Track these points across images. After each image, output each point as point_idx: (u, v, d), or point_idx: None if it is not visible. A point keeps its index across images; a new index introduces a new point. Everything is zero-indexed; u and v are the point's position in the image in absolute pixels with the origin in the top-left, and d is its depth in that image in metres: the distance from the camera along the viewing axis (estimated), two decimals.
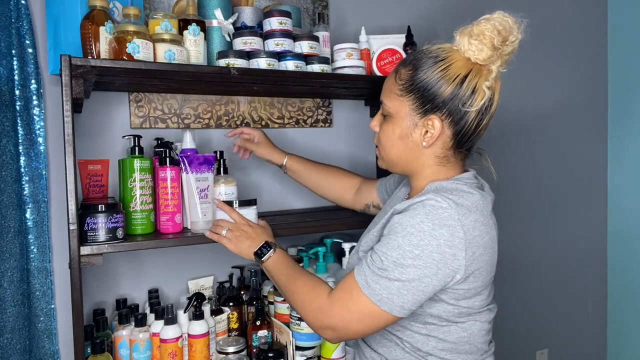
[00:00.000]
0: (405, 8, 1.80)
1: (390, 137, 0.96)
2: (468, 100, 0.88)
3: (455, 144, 0.92)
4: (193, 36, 1.18)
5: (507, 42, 0.87)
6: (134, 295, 1.40)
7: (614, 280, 2.38)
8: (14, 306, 1.20)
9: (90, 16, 1.08)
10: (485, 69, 0.88)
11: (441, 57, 0.90)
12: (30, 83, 1.23)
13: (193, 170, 1.16)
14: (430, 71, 0.89)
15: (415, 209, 0.84)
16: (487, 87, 0.88)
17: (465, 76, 0.88)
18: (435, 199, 0.84)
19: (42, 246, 1.25)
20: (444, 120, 0.90)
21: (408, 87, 0.92)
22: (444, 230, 0.82)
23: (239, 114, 1.53)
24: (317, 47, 1.35)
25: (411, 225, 0.83)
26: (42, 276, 1.25)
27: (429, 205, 0.84)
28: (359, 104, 1.73)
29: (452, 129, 0.91)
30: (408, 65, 0.93)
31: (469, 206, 0.86)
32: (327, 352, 1.28)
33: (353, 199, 1.34)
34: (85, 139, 1.32)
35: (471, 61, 0.88)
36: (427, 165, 0.95)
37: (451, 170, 0.95)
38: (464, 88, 0.88)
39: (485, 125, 0.92)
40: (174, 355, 1.16)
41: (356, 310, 0.86)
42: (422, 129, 0.92)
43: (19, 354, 1.20)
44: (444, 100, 0.88)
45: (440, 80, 0.88)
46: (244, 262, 1.52)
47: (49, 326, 1.26)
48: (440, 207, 0.83)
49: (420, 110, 0.91)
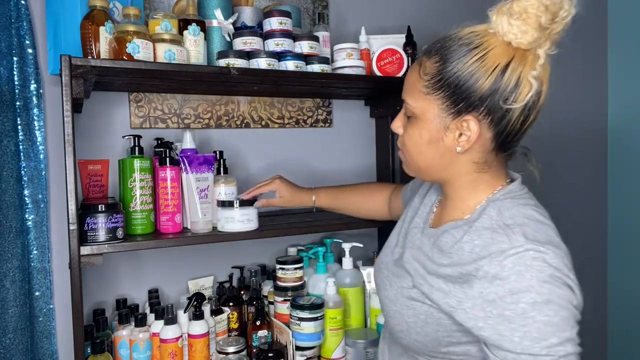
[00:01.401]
0: (405, 8, 1.80)
1: (417, 142, 0.81)
2: (511, 94, 0.73)
3: (496, 147, 0.78)
4: (193, 36, 1.18)
5: (557, 19, 0.71)
6: (134, 295, 1.40)
7: (614, 280, 2.39)
8: (16, 306, 1.20)
9: (90, 16, 1.08)
10: (530, 54, 0.73)
11: (475, 44, 0.74)
12: (30, 83, 1.23)
13: (193, 170, 1.16)
14: (463, 62, 0.74)
15: (520, 273, 0.68)
16: (533, 77, 0.72)
17: (507, 65, 0.72)
18: (537, 248, 0.69)
19: (42, 246, 1.25)
20: (482, 121, 0.75)
21: (436, 83, 0.77)
22: (566, 291, 0.68)
23: (239, 114, 1.53)
24: (317, 47, 1.35)
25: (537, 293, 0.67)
26: (42, 276, 1.25)
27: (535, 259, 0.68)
28: (359, 104, 1.73)
29: (493, 130, 0.76)
30: (434, 55, 0.78)
31: (559, 243, 0.72)
32: (327, 352, 1.28)
33: (390, 212, 1.25)
34: (85, 139, 1.32)
35: (512, 46, 0.73)
36: (463, 173, 0.81)
37: (495, 178, 0.81)
38: (505, 80, 0.72)
39: (532, 122, 0.77)
40: (174, 355, 1.16)
41: None
42: (455, 132, 0.77)
43: (21, 354, 1.20)
44: (481, 97, 0.73)
45: (476, 73, 0.73)
46: (244, 262, 1.52)
47: (48, 326, 1.26)
48: (545, 262, 0.68)
49: (453, 110, 0.76)
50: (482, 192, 0.81)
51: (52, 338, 1.26)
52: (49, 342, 1.26)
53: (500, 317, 0.69)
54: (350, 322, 1.38)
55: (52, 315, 1.26)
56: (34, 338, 1.25)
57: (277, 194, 1.26)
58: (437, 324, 0.78)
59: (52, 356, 1.26)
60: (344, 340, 1.31)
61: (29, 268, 1.24)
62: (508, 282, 0.68)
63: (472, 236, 0.76)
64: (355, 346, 1.31)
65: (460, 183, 0.82)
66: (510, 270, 0.69)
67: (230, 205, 1.15)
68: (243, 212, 1.15)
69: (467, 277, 0.73)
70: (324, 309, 1.26)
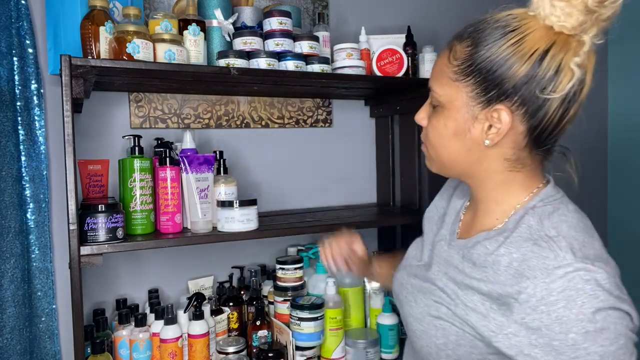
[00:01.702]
0: (405, 8, 1.80)
1: (441, 133, 0.74)
2: (550, 83, 0.65)
3: (530, 142, 0.70)
4: (193, 36, 1.18)
5: (607, 2, 0.65)
6: (134, 295, 1.40)
7: None
8: (14, 306, 1.20)
9: (90, 16, 1.08)
10: (574, 40, 0.65)
11: (512, 27, 0.66)
12: (30, 83, 1.23)
13: (193, 170, 1.16)
14: (497, 46, 0.66)
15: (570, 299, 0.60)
16: (576, 64, 0.64)
17: (546, 51, 0.64)
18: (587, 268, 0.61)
19: (43, 246, 1.25)
20: (515, 112, 0.67)
21: (466, 68, 0.69)
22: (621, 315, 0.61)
23: (239, 114, 1.53)
24: (317, 47, 1.35)
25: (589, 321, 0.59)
26: (44, 276, 1.25)
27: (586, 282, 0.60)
28: (359, 104, 1.73)
29: (527, 123, 0.68)
30: (466, 39, 0.70)
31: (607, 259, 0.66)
32: (327, 352, 1.28)
33: None
34: (85, 139, 1.32)
35: (554, 31, 0.65)
36: (493, 171, 0.73)
37: (530, 179, 0.73)
38: (544, 67, 0.64)
39: (572, 117, 0.69)
40: (174, 355, 1.16)
41: None
42: (484, 123, 0.69)
43: (18, 355, 1.20)
44: (516, 84, 0.66)
45: (511, 58, 0.65)
46: (244, 262, 1.52)
47: (50, 326, 1.26)
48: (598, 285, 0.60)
49: (483, 98, 0.69)
50: (517, 194, 0.73)
51: (55, 338, 1.26)
52: (51, 342, 1.26)
53: (548, 346, 0.61)
54: (350, 322, 1.38)
55: (54, 316, 1.26)
56: (36, 338, 1.25)
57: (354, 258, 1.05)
58: (471, 345, 0.69)
59: (55, 356, 1.26)
60: (344, 340, 1.31)
61: (29, 268, 1.23)
62: (555, 309, 0.60)
63: (510, 249, 0.68)
64: (355, 346, 1.31)
65: (491, 184, 0.74)
66: (559, 295, 0.60)
67: (230, 205, 1.15)
68: (243, 212, 1.15)
69: (507, 299, 0.65)
70: (324, 309, 1.26)
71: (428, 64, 1.47)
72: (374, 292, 1.41)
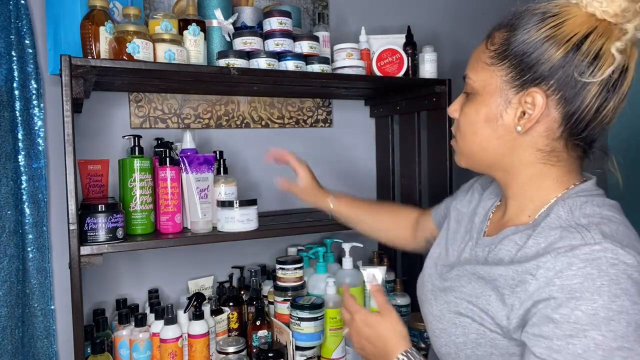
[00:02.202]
0: (405, 8, 1.80)
1: (472, 120, 0.71)
2: (588, 68, 0.62)
3: (566, 132, 0.66)
4: (193, 36, 1.18)
5: None
6: (134, 295, 1.40)
7: None
8: (6, 307, 1.19)
9: (90, 16, 1.08)
10: (616, 28, 0.62)
11: (552, 12, 0.65)
12: (29, 83, 1.23)
13: (193, 170, 1.16)
14: (535, 29, 0.64)
15: (592, 277, 0.56)
16: (618, 50, 0.61)
17: (586, 36, 0.62)
18: (613, 251, 0.57)
19: (42, 246, 1.25)
20: (550, 96, 0.64)
21: (502, 52, 0.68)
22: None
23: (239, 114, 1.53)
24: (317, 47, 1.35)
25: (603, 308, 0.55)
26: (42, 276, 1.25)
27: (610, 265, 0.56)
28: (359, 104, 1.73)
29: (562, 109, 0.65)
30: (505, 26, 0.69)
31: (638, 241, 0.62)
32: (327, 352, 1.28)
33: (413, 236, 1.10)
34: (85, 139, 1.32)
35: (596, 17, 0.63)
36: (526, 163, 0.69)
37: (566, 175, 0.69)
38: (583, 51, 0.62)
39: (613, 110, 0.65)
40: (174, 355, 1.16)
41: None
42: (517, 108, 0.67)
43: (9, 355, 1.20)
44: (552, 67, 0.63)
45: (548, 41, 0.63)
46: (244, 262, 1.52)
47: (48, 327, 1.26)
48: (628, 266, 0.56)
49: (517, 81, 0.66)
50: (550, 190, 0.69)
51: (52, 338, 1.26)
52: (49, 342, 1.26)
53: (548, 318, 0.58)
54: None
55: (52, 316, 1.26)
56: (33, 338, 1.24)
57: (299, 177, 1.16)
58: (491, 345, 0.66)
59: (52, 357, 1.26)
60: (344, 340, 1.31)
61: (26, 268, 1.23)
62: (570, 285, 0.57)
63: (538, 239, 0.64)
64: None
65: (523, 177, 0.71)
66: (578, 271, 0.57)
67: (230, 205, 1.15)
68: (243, 212, 1.15)
69: (524, 275, 0.62)
70: (324, 309, 1.26)
71: (428, 64, 1.47)
72: None
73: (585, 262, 0.57)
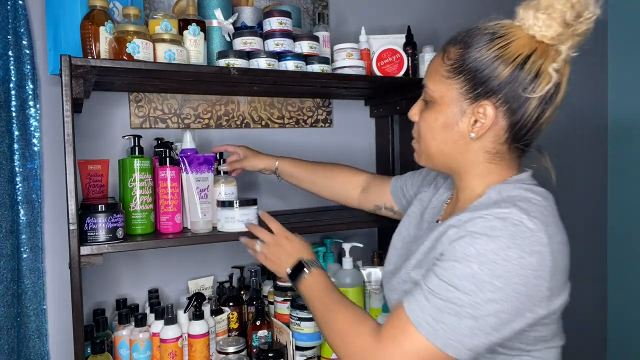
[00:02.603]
0: (405, 8, 1.80)
1: (431, 126, 0.82)
2: (530, 85, 0.74)
3: (510, 137, 0.78)
4: (193, 36, 1.18)
5: (582, 19, 0.73)
6: (134, 295, 1.40)
7: (614, 280, 2.39)
8: (3, 306, 1.19)
9: (90, 16, 1.08)
10: (552, 49, 0.74)
11: (500, 34, 0.75)
12: (26, 84, 1.23)
13: (193, 170, 1.16)
14: (486, 49, 0.75)
15: (495, 228, 0.68)
16: (554, 69, 0.73)
17: (528, 56, 0.74)
18: (519, 215, 0.69)
19: (35, 246, 1.25)
20: (499, 108, 0.76)
21: (457, 67, 0.78)
22: (533, 259, 0.67)
23: (239, 114, 1.53)
24: (317, 47, 1.35)
25: (493, 251, 0.67)
26: (34, 276, 1.25)
27: (512, 225, 0.68)
28: (359, 104, 1.73)
29: (508, 119, 0.76)
30: (459, 42, 0.79)
31: (554, 224, 0.72)
32: (327, 352, 1.28)
33: (359, 199, 1.22)
34: (85, 139, 1.32)
35: (536, 39, 0.74)
36: (475, 163, 0.81)
37: (505, 170, 0.81)
38: (525, 70, 0.73)
39: (548, 118, 0.77)
40: (174, 355, 1.16)
41: (413, 352, 0.68)
42: (471, 117, 0.78)
43: (6, 354, 1.20)
44: (501, 83, 0.74)
45: (497, 60, 0.74)
46: (243, 262, 1.52)
47: (40, 327, 1.26)
48: (528, 229, 0.68)
49: (471, 94, 0.77)
50: (492, 183, 0.80)
51: (44, 338, 1.26)
52: (40, 342, 1.26)
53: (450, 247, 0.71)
54: None
55: (44, 316, 1.26)
56: (25, 338, 1.24)
57: (241, 156, 1.28)
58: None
59: (43, 356, 1.26)
60: None
61: (19, 268, 1.23)
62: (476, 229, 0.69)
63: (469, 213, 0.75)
64: None
65: (472, 174, 0.82)
66: (486, 222, 0.69)
67: (230, 205, 1.15)
68: (243, 212, 1.15)
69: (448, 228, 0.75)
70: None
71: (428, 64, 1.47)
72: (374, 292, 1.41)
73: (494, 218, 0.69)
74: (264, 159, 1.28)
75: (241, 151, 1.29)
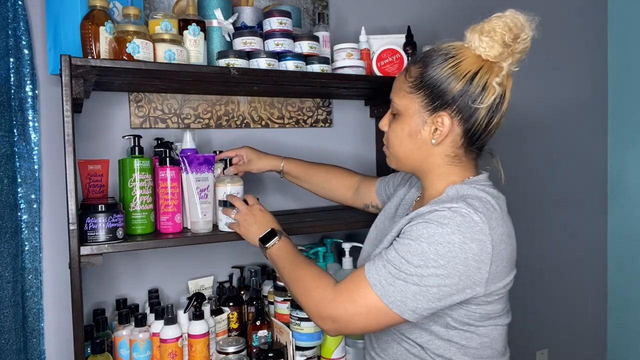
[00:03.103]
0: (405, 8, 1.80)
1: (398, 135, 0.94)
2: (478, 97, 0.87)
3: (465, 142, 0.91)
4: (193, 36, 1.18)
5: (519, 40, 0.86)
6: (134, 295, 1.40)
7: (614, 280, 2.39)
8: (10, 307, 1.19)
9: (90, 16, 1.08)
10: (496, 66, 0.87)
11: (452, 54, 0.89)
12: (25, 84, 1.23)
13: (193, 170, 1.16)
14: (440, 68, 0.88)
15: (445, 217, 0.82)
16: (497, 83, 0.86)
17: (476, 73, 0.86)
18: (467, 209, 0.82)
19: (33, 247, 1.25)
20: (454, 118, 0.88)
21: (418, 84, 0.91)
22: (474, 245, 0.80)
23: (239, 114, 1.53)
24: (317, 47, 1.35)
25: (440, 235, 0.80)
26: (33, 276, 1.25)
27: (460, 216, 0.81)
28: (359, 104, 1.73)
29: (462, 127, 0.89)
30: (418, 62, 0.92)
31: (497, 218, 0.84)
32: (327, 352, 1.28)
33: (353, 198, 1.33)
34: (85, 139, 1.32)
35: (482, 58, 0.87)
36: (437, 165, 0.93)
37: (464, 171, 0.94)
38: (474, 84, 0.86)
39: (497, 124, 0.90)
40: (174, 355, 1.16)
41: (363, 304, 0.84)
42: (431, 126, 0.90)
43: (15, 354, 1.20)
44: (454, 96, 0.87)
45: (450, 77, 0.87)
46: (244, 262, 1.52)
47: (37, 326, 1.26)
48: (472, 220, 0.81)
49: (430, 107, 0.90)
50: (452, 182, 0.92)
51: (41, 338, 1.26)
52: (37, 342, 1.26)
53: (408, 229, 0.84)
54: None
55: (41, 316, 1.26)
56: (25, 338, 1.24)
57: (245, 159, 1.30)
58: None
59: (40, 356, 1.26)
60: (344, 340, 1.31)
61: (22, 268, 1.23)
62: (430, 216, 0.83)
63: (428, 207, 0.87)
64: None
65: (434, 175, 0.94)
66: (438, 212, 0.83)
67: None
68: None
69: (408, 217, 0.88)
70: None
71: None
72: None
73: (446, 210, 0.83)
74: (269, 161, 1.32)
75: (244, 152, 1.30)
